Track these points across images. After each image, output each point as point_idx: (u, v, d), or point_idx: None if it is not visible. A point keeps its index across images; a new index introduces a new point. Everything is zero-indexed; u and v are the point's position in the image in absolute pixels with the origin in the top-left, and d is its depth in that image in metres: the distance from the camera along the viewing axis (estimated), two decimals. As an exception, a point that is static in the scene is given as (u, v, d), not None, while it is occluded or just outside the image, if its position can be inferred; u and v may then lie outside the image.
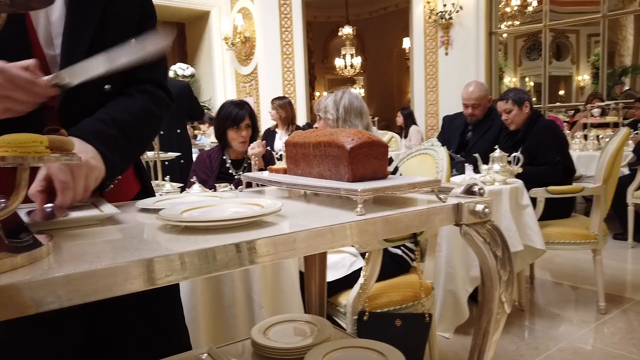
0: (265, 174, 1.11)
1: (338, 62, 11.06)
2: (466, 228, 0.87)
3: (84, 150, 0.89)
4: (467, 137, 3.57)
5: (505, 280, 0.89)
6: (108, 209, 0.84)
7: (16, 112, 0.86)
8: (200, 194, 1.43)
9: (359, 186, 0.80)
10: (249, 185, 1.18)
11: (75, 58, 0.90)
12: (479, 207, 0.86)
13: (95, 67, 0.85)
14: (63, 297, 0.52)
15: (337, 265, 1.86)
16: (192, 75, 7.35)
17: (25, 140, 0.63)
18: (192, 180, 2.09)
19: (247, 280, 1.63)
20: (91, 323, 1.03)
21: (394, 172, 2.00)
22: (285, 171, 1.08)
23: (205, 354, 1.11)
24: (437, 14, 6.41)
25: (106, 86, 1.02)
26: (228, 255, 0.62)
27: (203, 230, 0.69)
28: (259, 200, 0.84)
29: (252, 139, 2.69)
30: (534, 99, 7.32)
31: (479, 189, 0.93)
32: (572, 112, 6.65)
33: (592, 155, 4.27)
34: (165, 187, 2.02)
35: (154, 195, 1.15)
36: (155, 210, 0.86)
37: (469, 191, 0.94)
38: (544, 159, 3.01)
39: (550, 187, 2.82)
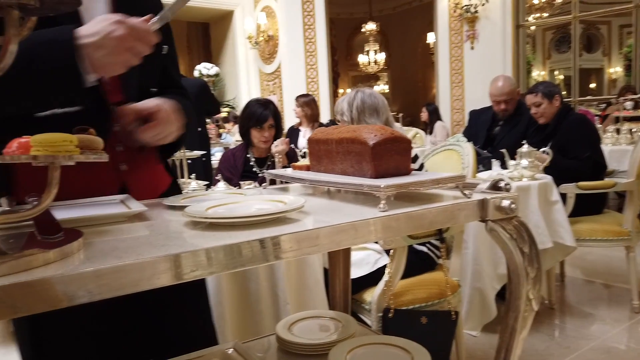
0: (289, 171, 1.12)
1: (362, 59, 11.00)
2: (492, 224, 0.85)
3: (175, 107, 1.04)
4: (494, 132, 3.50)
5: (532, 277, 0.87)
6: (136, 206, 0.86)
7: (132, 64, 0.89)
8: (225, 191, 1.45)
9: (382, 182, 0.80)
10: (272, 182, 1.19)
11: None
12: (505, 203, 0.85)
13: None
14: (94, 291, 0.53)
15: (362, 263, 1.86)
16: (216, 75, 7.44)
17: (56, 139, 0.65)
18: (217, 178, 2.12)
19: (272, 277, 1.64)
20: (126, 317, 1.07)
21: (420, 169, 1.98)
22: (308, 168, 1.08)
23: (232, 349, 1.12)
24: (463, 7, 6.31)
25: (152, 89, 1.12)
26: (252, 251, 0.63)
27: (228, 227, 0.70)
28: (283, 197, 0.84)
29: (276, 137, 2.71)
30: (563, 92, 7.14)
31: (505, 185, 0.92)
32: (604, 105, 6.46)
33: (624, 150, 4.13)
34: (191, 185, 2.06)
35: (181, 189, 1.18)
36: (181, 208, 0.87)
37: (494, 187, 0.92)
38: (573, 153, 2.93)
39: (581, 183, 2.74)
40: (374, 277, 1.80)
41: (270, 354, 1.18)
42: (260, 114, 2.64)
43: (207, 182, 2.29)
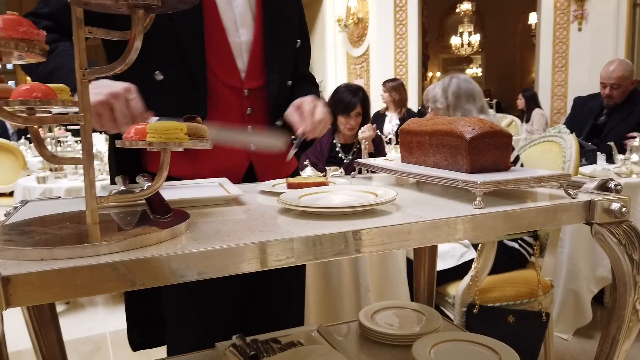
0: (379, 161, 1.12)
1: (454, 41, 10.55)
2: (598, 227, 0.80)
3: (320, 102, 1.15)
4: (599, 122, 3.21)
5: (642, 287, 0.81)
6: (233, 189, 0.91)
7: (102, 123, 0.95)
8: (312, 177, 1.47)
9: (479, 178, 0.78)
10: (358, 171, 1.19)
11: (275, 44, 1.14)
12: (615, 206, 0.78)
13: None
14: (201, 271, 0.58)
15: (447, 255, 1.82)
16: (305, 58, 7.52)
17: (169, 127, 0.71)
18: (305, 163, 2.17)
19: (354, 264, 1.66)
20: (241, 292, 1.19)
21: (515, 161, 1.87)
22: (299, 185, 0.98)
23: (315, 331, 1.16)
24: (571, -15, 5.80)
25: (289, 82, 1.24)
26: (346, 242, 0.64)
27: (320, 216, 0.72)
28: (373, 188, 0.85)
29: (363, 123, 2.70)
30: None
31: (615, 185, 0.85)
32: None
33: None
34: (306, 171, 2.07)
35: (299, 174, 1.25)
36: (273, 193, 0.91)
37: (603, 187, 0.86)
38: None
39: (703, 182, 2.44)
40: (459, 271, 1.76)
41: (352, 340, 1.20)
42: (349, 102, 2.64)
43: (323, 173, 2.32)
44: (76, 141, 3.56)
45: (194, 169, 1.06)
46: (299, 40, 1.25)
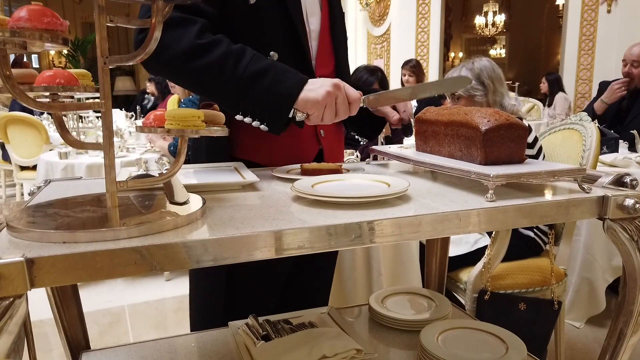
0: (394, 149, 1.12)
1: (478, 20, 10.29)
2: (610, 223, 0.79)
3: None
4: (622, 106, 3.13)
5: (652, 283, 0.80)
6: (249, 175, 0.93)
7: (330, 120, 1.01)
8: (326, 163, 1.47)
9: (492, 170, 0.78)
10: (375, 157, 1.20)
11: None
12: (629, 202, 0.78)
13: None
14: (216, 256, 0.60)
15: (461, 241, 1.82)
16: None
17: (186, 115, 0.72)
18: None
19: (367, 248, 1.68)
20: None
21: (534, 143, 1.83)
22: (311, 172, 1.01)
23: (327, 313, 1.19)
24: (602, -36, 5.59)
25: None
26: (357, 232, 0.66)
27: (332, 205, 0.74)
28: (386, 178, 0.85)
29: None
30: None
31: (631, 180, 0.84)
32: None
33: None
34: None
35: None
36: (288, 180, 0.93)
37: (618, 182, 0.85)
38: None
39: None
40: (472, 257, 1.76)
41: (362, 323, 1.23)
42: (366, 80, 2.62)
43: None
44: (97, 117, 3.62)
45: (269, 156, 1.10)
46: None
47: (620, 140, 2.66)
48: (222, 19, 1.05)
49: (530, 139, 1.83)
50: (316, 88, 0.95)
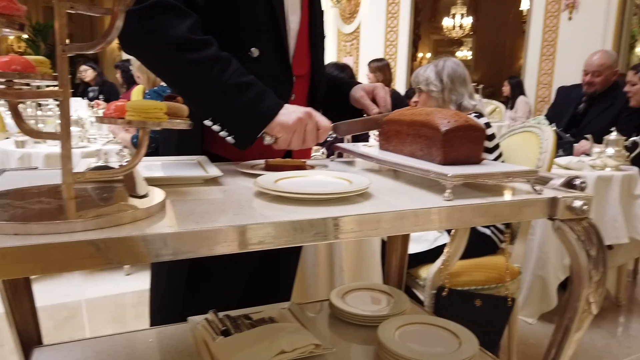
0: (359, 146, 1.14)
1: (446, 22, 10.48)
2: (560, 223, 0.83)
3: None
4: (579, 109, 3.25)
5: (596, 280, 0.85)
6: (212, 170, 0.93)
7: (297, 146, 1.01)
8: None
9: (450, 170, 0.80)
10: (339, 154, 1.21)
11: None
12: (577, 203, 0.82)
13: None
14: (176, 250, 0.59)
15: (420, 239, 1.86)
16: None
17: (148, 106, 0.71)
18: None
19: (330, 244, 1.70)
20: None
21: (495, 148, 1.90)
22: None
23: (287, 309, 1.20)
24: (564, -27, 5.78)
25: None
26: (316, 229, 0.67)
27: (294, 201, 0.74)
28: (349, 175, 0.87)
29: None
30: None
31: (581, 183, 0.88)
32: None
33: None
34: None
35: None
36: (252, 175, 0.93)
37: (569, 184, 0.89)
38: None
39: (673, 179, 2.53)
40: (431, 254, 1.81)
41: (322, 318, 1.25)
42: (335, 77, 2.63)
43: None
44: (57, 105, 3.50)
45: (240, 152, 1.09)
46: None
47: (574, 145, 2.77)
48: (207, 12, 1.04)
49: (491, 145, 1.89)
50: (288, 113, 0.97)
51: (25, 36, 10.04)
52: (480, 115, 1.97)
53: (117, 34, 0.63)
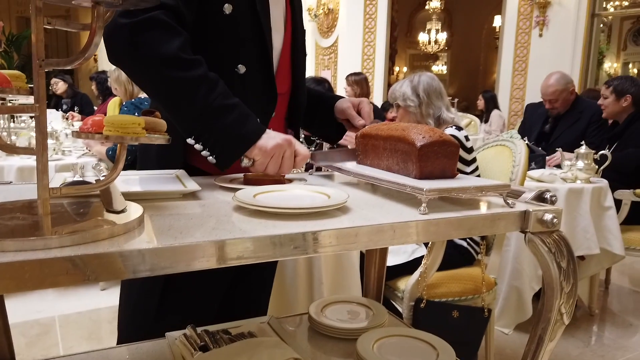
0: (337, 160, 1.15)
1: (422, 37, 10.69)
2: (531, 236, 0.86)
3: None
4: (546, 129, 3.37)
5: (567, 292, 0.88)
6: (190, 184, 0.93)
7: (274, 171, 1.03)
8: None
9: (425, 185, 0.82)
10: (318, 168, 1.22)
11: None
12: (548, 217, 0.84)
13: None
14: (152, 267, 0.59)
15: (399, 251, 1.88)
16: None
17: (126, 121, 0.71)
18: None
19: (309, 257, 1.70)
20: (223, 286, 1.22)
21: (472, 161, 1.94)
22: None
23: (266, 323, 1.19)
24: (535, -9, 5.99)
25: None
26: (294, 243, 0.67)
27: (273, 215, 0.75)
28: (327, 189, 0.88)
29: None
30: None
31: (551, 197, 0.91)
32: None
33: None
34: None
35: None
36: (231, 189, 0.93)
37: (540, 197, 0.92)
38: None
39: (639, 191, 2.62)
40: (409, 266, 1.83)
41: (302, 332, 1.24)
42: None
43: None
44: (31, 116, 3.43)
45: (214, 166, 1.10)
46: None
47: (546, 157, 2.85)
48: (194, 28, 1.05)
49: (468, 145, 1.93)
50: (269, 138, 0.99)
51: (-2, 47, 9.83)
52: (459, 128, 2.01)
53: (95, 50, 0.63)
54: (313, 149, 2.70)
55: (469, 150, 1.94)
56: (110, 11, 0.67)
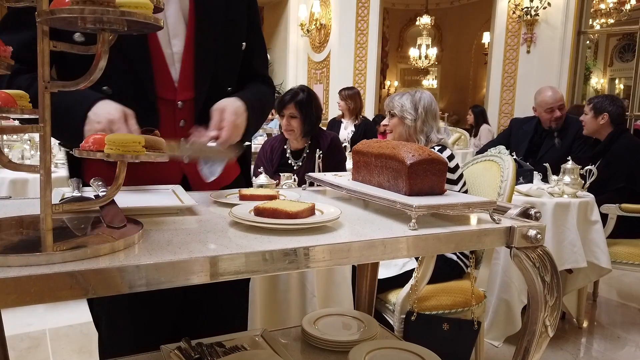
0: (329, 176, 1.18)
1: (413, 52, 10.85)
2: (516, 251, 0.89)
3: (239, 108, 1.11)
4: (555, 143, 3.38)
5: (551, 305, 0.91)
6: (186, 198, 0.95)
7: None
8: (264, 188, 1.48)
9: (415, 201, 0.85)
10: (310, 183, 1.25)
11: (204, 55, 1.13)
12: (532, 232, 0.88)
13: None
14: (151, 281, 0.62)
15: (390, 264, 1.91)
16: (266, 59, 7.53)
17: (127, 140, 0.74)
18: (259, 170, 2.20)
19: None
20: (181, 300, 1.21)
21: (459, 179, 1.99)
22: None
23: (260, 336, 1.21)
24: (523, 9, 6.13)
25: (229, 88, 1.21)
26: (289, 258, 0.70)
27: (267, 230, 0.78)
28: (321, 205, 0.91)
29: (307, 129, 2.59)
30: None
31: (535, 213, 0.95)
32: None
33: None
34: (260, 179, 2.00)
35: (251, 181, 1.25)
36: (226, 204, 0.96)
37: (524, 214, 0.95)
38: (613, 184, 2.88)
39: (624, 205, 2.68)
40: (400, 279, 1.85)
41: (294, 344, 1.26)
42: (281, 100, 2.53)
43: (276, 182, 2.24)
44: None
45: (131, 179, 1.01)
46: (243, 43, 1.22)
47: (534, 172, 2.91)
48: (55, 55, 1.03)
49: (454, 176, 1.98)
50: (94, 121, 0.97)
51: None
52: (443, 148, 2.06)
53: (100, 74, 0.66)
54: (300, 163, 2.71)
55: (453, 170, 1.97)
56: (114, 36, 0.70)
